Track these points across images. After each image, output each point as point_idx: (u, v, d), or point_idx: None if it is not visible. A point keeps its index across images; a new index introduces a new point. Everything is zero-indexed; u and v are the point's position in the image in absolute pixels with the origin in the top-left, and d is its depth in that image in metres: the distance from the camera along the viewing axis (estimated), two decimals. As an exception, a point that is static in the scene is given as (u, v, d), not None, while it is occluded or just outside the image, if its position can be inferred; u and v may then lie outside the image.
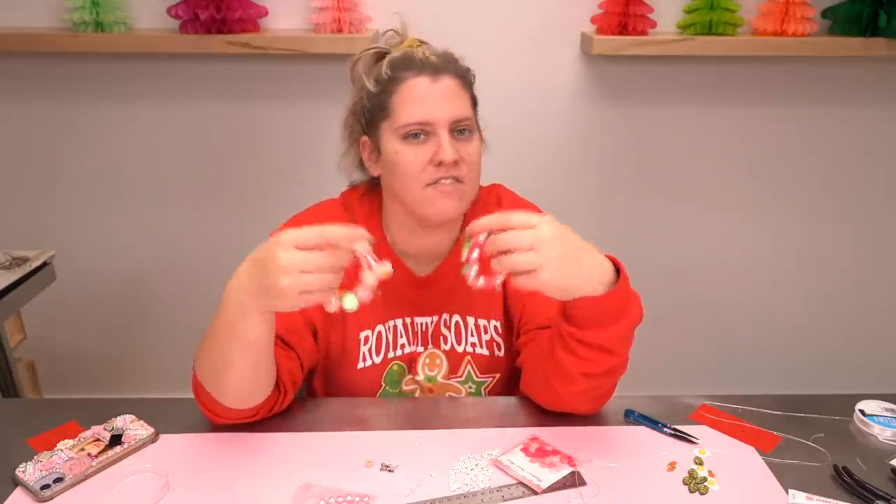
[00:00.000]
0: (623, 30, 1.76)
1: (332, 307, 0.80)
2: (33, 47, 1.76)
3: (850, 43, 1.78)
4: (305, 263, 0.77)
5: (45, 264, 1.61)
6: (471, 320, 1.11)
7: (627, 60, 1.88)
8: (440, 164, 0.98)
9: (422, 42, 1.06)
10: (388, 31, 1.09)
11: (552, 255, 0.78)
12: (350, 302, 0.80)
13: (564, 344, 0.89)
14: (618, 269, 0.85)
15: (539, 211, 1.17)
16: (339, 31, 1.75)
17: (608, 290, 0.83)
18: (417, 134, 0.98)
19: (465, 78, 1.04)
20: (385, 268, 0.80)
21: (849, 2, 1.77)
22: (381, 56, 1.05)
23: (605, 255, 0.85)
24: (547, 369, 0.94)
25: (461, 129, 1.00)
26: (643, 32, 1.76)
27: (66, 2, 1.71)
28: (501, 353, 1.12)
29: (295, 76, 1.87)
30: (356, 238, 0.79)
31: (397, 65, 1.01)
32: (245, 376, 0.89)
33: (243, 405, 0.92)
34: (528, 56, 1.88)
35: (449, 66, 1.01)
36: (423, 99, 0.98)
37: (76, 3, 1.70)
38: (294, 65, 1.85)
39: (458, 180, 1.00)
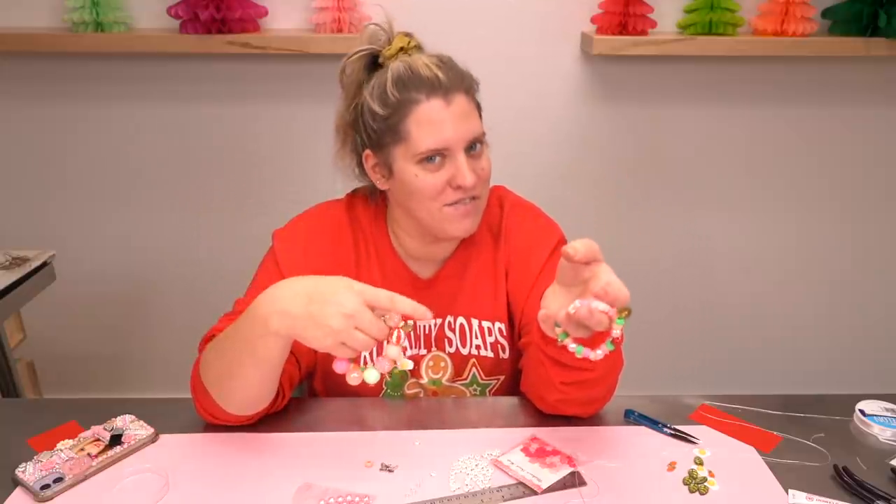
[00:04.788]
0: (623, 30, 1.75)
1: (354, 379, 0.82)
2: (33, 47, 1.76)
3: (850, 43, 1.78)
4: (362, 320, 0.78)
5: (45, 264, 1.61)
6: (475, 322, 1.11)
7: (627, 60, 1.88)
8: (459, 187, 0.99)
9: (408, 36, 1.02)
10: (370, 24, 1.03)
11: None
12: (372, 375, 0.83)
13: (545, 356, 0.90)
14: None
15: (540, 212, 1.17)
16: (339, 31, 1.75)
17: None
18: (433, 158, 0.99)
19: (472, 90, 1.03)
20: (407, 365, 0.85)
21: (849, 2, 1.77)
22: (372, 58, 1.02)
23: None
24: (536, 376, 0.96)
25: (473, 146, 1.01)
26: (643, 32, 1.76)
27: (66, 2, 1.71)
28: (506, 355, 1.12)
29: (295, 76, 1.87)
30: (415, 314, 0.81)
31: (405, 84, 0.97)
32: (253, 388, 0.90)
33: (244, 412, 0.93)
34: (529, 56, 1.88)
35: (458, 83, 0.99)
36: (439, 124, 0.97)
37: (76, 3, 1.70)
38: (294, 65, 1.85)
39: (475, 198, 1.02)
